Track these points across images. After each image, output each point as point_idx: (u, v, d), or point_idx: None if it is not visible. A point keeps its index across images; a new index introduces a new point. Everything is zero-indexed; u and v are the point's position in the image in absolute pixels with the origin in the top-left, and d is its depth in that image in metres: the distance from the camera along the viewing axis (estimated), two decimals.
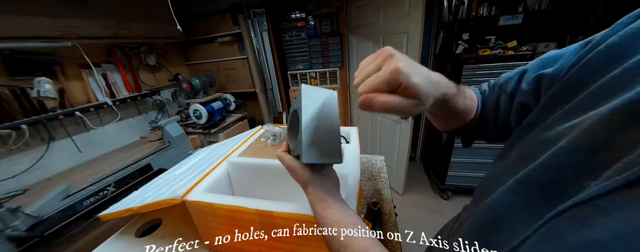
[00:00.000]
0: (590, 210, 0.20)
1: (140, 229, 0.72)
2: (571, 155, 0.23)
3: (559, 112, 0.28)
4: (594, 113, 0.23)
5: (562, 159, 0.24)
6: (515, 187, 0.28)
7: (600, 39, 0.27)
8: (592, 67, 0.26)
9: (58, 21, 1.39)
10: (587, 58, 0.27)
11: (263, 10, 2.16)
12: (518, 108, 0.36)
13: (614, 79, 0.23)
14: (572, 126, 0.25)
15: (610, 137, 0.21)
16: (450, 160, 1.86)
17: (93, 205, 1.26)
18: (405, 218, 1.91)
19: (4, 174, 1.27)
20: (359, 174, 0.56)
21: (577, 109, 0.26)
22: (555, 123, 0.27)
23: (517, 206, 0.27)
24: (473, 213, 0.36)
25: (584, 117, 0.24)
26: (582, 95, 0.26)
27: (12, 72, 1.33)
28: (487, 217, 0.32)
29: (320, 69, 2.45)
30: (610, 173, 0.20)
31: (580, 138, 0.23)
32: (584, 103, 0.25)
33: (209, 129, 2.08)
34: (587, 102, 0.25)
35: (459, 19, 1.85)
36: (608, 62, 0.25)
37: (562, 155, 0.24)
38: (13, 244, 0.97)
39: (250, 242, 0.56)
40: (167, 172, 0.83)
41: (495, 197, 0.31)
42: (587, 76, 0.26)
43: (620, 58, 0.24)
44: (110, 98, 1.74)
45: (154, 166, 1.59)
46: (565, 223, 0.21)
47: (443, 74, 0.33)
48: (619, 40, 0.25)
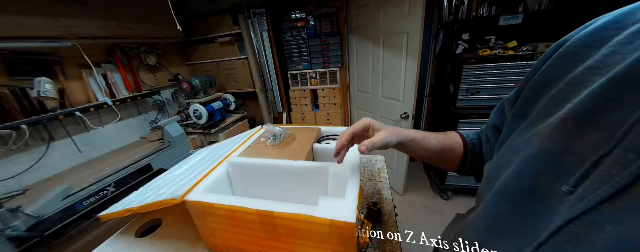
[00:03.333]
0: (583, 225, 0.20)
1: (140, 229, 0.72)
2: (541, 160, 0.25)
3: (524, 124, 0.31)
4: (554, 118, 0.26)
5: (533, 165, 0.26)
6: (498, 198, 0.30)
7: (537, 65, 0.32)
8: (535, 89, 0.31)
9: (58, 21, 1.39)
10: (532, 80, 0.31)
11: (263, 10, 2.16)
12: (491, 129, 0.42)
13: (569, 83, 0.26)
14: (537, 133, 0.27)
15: (568, 143, 0.23)
16: None
17: (93, 205, 1.26)
18: (405, 218, 1.91)
19: (4, 174, 1.27)
20: (359, 174, 0.56)
21: (541, 115, 0.28)
22: (523, 132, 0.30)
23: (510, 216, 0.28)
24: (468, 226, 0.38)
25: (547, 122, 0.26)
26: (543, 100, 0.29)
27: (12, 72, 1.33)
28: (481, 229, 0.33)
29: (320, 69, 2.45)
30: (586, 185, 0.21)
31: (544, 144, 0.25)
32: (545, 109, 0.28)
33: (209, 129, 2.08)
34: (548, 107, 0.28)
35: (459, 19, 1.84)
36: (549, 83, 0.29)
37: (533, 161, 0.26)
38: (13, 244, 0.97)
39: (250, 242, 0.56)
40: (167, 172, 0.83)
41: (482, 211, 0.33)
42: (535, 95, 0.30)
43: (558, 77, 0.28)
44: (110, 98, 1.74)
45: (154, 166, 1.59)
46: (566, 240, 0.21)
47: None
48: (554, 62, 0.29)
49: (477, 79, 1.71)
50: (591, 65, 0.24)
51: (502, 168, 0.30)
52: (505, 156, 0.31)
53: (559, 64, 0.29)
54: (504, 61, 1.62)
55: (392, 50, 1.80)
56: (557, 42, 0.31)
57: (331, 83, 2.48)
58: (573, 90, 0.25)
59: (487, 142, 0.47)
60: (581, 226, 0.20)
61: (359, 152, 0.45)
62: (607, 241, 0.18)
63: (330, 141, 0.82)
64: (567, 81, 0.26)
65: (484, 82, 1.70)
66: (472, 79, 1.72)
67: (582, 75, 0.25)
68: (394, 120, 1.96)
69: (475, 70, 1.68)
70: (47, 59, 1.45)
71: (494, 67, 1.64)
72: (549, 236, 0.23)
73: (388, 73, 1.92)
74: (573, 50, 0.27)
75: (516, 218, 0.27)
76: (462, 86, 1.75)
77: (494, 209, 0.30)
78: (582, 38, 0.27)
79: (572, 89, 0.25)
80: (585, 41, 0.27)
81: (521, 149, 0.28)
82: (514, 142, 0.30)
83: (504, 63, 1.62)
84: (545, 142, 0.25)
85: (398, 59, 1.76)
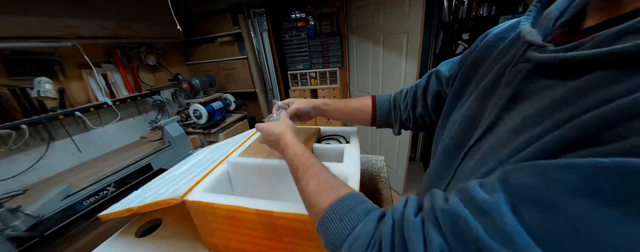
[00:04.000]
0: (475, 148, 0.32)
1: (140, 229, 0.72)
2: (465, 123, 0.37)
3: (460, 102, 0.41)
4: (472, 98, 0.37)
5: (461, 127, 0.37)
6: (441, 155, 0.40)
7: (468, 52, 0.44)
8: (466, 73, 0.42)
9: (58, 21, 1.39)
10: (463, 67, 0.43)
11: (263, 10, 2.16)
12: (434, 95, 0.51)
13: (479, 78, 0.38)
14: (466, 105, 0.38)
15: (479, 109, 0.35)
16: None
17: (93, 205, 1.26)
18: None
19: (4, 174, 1.27)
20: (359, 174, 0.56)
21: (466, 99, 0.39)
22: (461, 107, 0.40)
23: (445, 165, 0.38)
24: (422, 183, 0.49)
25: (470, 98, 0.38)
26: (466, 91, 0.41)
27: (12, 72, 1.33)
28: (429, 179, 0.44)
29: (320, 69, 2.45)
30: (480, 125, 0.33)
31: (466, 112, 0.37)
32: (468, 96, 0.39)
33: (209, 129, 2.08)
34: (469, 95, 0.39)
35: (459, 19, 1.84)
36: (475, 67, 0.40)
37: (461, 124, 0.37)
38: (13, 244, 0.97)
39: (250, 242, 0.56)
40: (167, 172, 0.83)
41: (431, 166, 0.44)
42: (466, 79, 0.41)
43: (481, 62, 0.39)
44: (110, 98, 1.74)
45: (154, 166, 1.59)
46: (466, 161, 0.33)
47: None
48: (477, 52, 0.41)
49: None
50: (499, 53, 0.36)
51: (447, 135, 0.41)
52: (449, 126, 0.42)
53: (482, 52, 0.40)
54: None
55: (392, 50, 1.80)
56: (482, 35, 0.42)
57: (331, 83, 2.48)
58: (487, 72, 0.36)
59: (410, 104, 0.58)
60: (475, 148, 0.32)
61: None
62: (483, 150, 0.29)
63: (330, 141, 0.82)
64: (486, 67, 0.37)
65: None
66: None
67: (492, 61, 0.36)
68: None
69: None
70: (47, 59, 1.45)
71: None
72: (460, 161, 0.34)
73: (388, 73, 1.92)
74: (490, 42, 0.39)
75: (448, 163, 0.37)
76: None
77: (438, 161, 0.41)
78: (497, 33, 0.39)
79: (487, 71, 0.37)
80: (498, 35, 0.38)
81: (458, 119, 0.39)
82: (455, 117, 0.41)
83: None
84: (467, 110, 0.37)
85: (398, 59, 1.76)
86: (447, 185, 0.36)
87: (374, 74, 2.07)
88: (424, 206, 0.27)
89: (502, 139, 0.27)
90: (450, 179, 0.35)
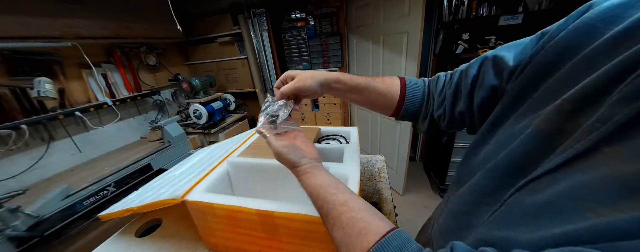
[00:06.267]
0: (546, 181, 0.22)
1: (140, 229, 0.72)
2: (533, 141, 0.26)
3: (523, 107, 0.30)
4: (550, 106, 0.26)
5: (525, 145, 0.26)
6: (486, 174, 0.30)
7: (556, 30, 0.29)
8: (544, 65, 0.28)
9: (58, 21, 1.39)
10: (540, 54, 0.29)
11: (263, 10, 2.16)
12: (489, 90, 0.36)
13: (564, 76, 0.26)
14: (533, 119, 0.27)
15: (562, 125, 0.24)
16: (450, 160, 1.86)
17: (93, 205, 1.26)
18: (405, 218, 1.91)
19: (4, 174, 1.27)
20: (359, 174, 0.56)
21: (536, 104, 0.28)
22: (522, 116, 0.29)
23: (489, 189, 0.29)
24: (447, 203, 0.39)
25: (542, 111, 0.26)
26: (538, 92, 0.28)
27: (12, 72, 1.33)
28: (462, 202, 0.34)
29: (320, 69, 2.45)
30: (559, 151, 0.23)
31: (539, 126, 0.26)
32: (540, 99, 0.28)
33: (209, 129, 2.08)
34: (543, 99, 0.27)
35: (459, 19, 1.84)
36: (560, 58, 0.27)
37: (526, 141, 0.26)
38: (13, 244, 0.97)
39: (250, 242, 0.56)
40: (167, 172, 0.83)
41: (467, 186, 0.34)
42: (540, 75, 0.29)
43: (570, 54, 0.26)
44: (110, 98, 1.74)
45: (154, 166, 1.59)
46: (526, 193, 0.24)
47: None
48: (567, 35, 0.27)
49: None
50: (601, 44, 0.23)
51: (499, 151, 0.30)
52: (505, 139, 0.30)
53: (573, 38, 0.26)
54: None
55: (392, 50, 1.80)
56: (582, 7, 0.27)
57: None
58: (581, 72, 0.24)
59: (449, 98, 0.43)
60: (543, 182, 0.23)
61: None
62: (558, 189, 0.21)
63: (330, 141, 0.82)
64: (575, 62, 0.25)
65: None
66: None
67: (593, 57, 0.23)
68: (393, 121, 1.96)
69: None
70: (47, 59, 1.45)
71: None
72: (513, 193, 0.25)
73: (388, 73, 1.92)
74: (591, 24, 0.25)
75: (495, 188, 0.28)
76: None
77: (479, 182, 0.31)
78: (605, 10, 0.24)
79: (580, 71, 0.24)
80: (606, 14, 0.24)
81: (521, 131, 0.28)
82: (514, 127, 0.29)
83: None
84: (539, 125, 0.26)
85: (398, 59, 1.76)
86: (491, 214, 0.28)
87: (374, 73, 2.07)
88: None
89: (593, 188, 0.18)
90: (496, 210, 0.27)
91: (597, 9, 0.25)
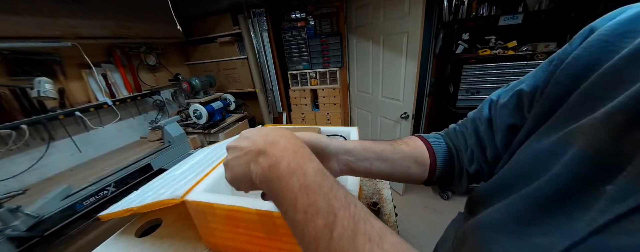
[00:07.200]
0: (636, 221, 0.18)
1: (140, 229, 0.72)
2: (586, 161, 0.22)
3: (548, 122, 0.28)
4: (598, 114, 0.23)
5: (577, 166, 0.23)
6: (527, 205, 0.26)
7: (562, 53, 0.29)
8: (583, 62, 0.26)
9: (58, 21, 1.39)
10: (557, 74, 0.28)
11: (263, 10, 2.16)
12: (505, 130, 0.35)
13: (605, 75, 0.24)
14: (573, 131, 0.24)
15: (614, 141, 0.21)
16: None
17: (93, 205, 1.26)
18: (405, 218, 1.91)
19: (4, 174, 1.27)
20: None
21: (574, 112, 0.26)
22: (550, 131, 0.27)
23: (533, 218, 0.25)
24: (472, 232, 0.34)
25: (587, 119, 0.24)
26: (574, 95, 0.26)
27: (12, 72, 1.33)
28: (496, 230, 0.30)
29: (320, 69, 2.45)
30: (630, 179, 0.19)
31: (589, 143, 0.22)
32: (580, 104, 0.25)
33: (209, 129, 2.08)
34: (583, 103, 0.25)
35: (459, 19, 1.84)
36: (579, 76, 0.26)
37: (576, 161, 0.23)
38: (13, 244, 0.97)
39: (250, 242, 0.56)
40: (167, 172, 0.83)
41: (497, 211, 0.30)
42: (579, 73, 0.26)
43: (588, 70, 0.25)
44: (110, 98, 1.74)
45: (154, 166, 1.59)
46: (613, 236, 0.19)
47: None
48: (581, 53, 0.26)
49: (477, 79, 1.71)
50: (630, 55, 0.22)
51: (532, 173, 0.27)
52: (538, 158, 0.27)
53: (588, 55, 0.26)
54: (504, 61, 1.62)
55: (392, 50, 1.80)
56: (583, 30, 0.28)
57: (331, 83, 2.48)
58: (613, 84, 0.23)
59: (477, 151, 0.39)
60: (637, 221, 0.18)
61: None
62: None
63: None
64: (602, 72, 0.24)
65: (484, 82, 1.70)
66: (472, 79, 1.72)
67: (621, 67, 0.22)
68: (394, 120, 1.96)
69: (475, 70, 1.68)
70: (47, 59, 1.46)
71: (494, 67, 1.64)
72: (591, 234, 0.20)
73: (388, 73, 1.92)
74: (605, 40, 0.25)
75: (546, 220, 0.24)
76: (462, 86, 1.75)
77: (520, 211, 0.27)
78: (614, 27, 0.24)
79: (610, 82, 0.23)
80: (617, 30, 0.24)
81: (557, 150, 0.25)
82: (542, 143, 0.27)
83: (504, 63, 1.62)
84: (589, 142, 0.22)
85: (398, 59, 1.76)
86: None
87: (374, 73, 2.07)
88: None
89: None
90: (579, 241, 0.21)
91: (604, 28, 0.25)
